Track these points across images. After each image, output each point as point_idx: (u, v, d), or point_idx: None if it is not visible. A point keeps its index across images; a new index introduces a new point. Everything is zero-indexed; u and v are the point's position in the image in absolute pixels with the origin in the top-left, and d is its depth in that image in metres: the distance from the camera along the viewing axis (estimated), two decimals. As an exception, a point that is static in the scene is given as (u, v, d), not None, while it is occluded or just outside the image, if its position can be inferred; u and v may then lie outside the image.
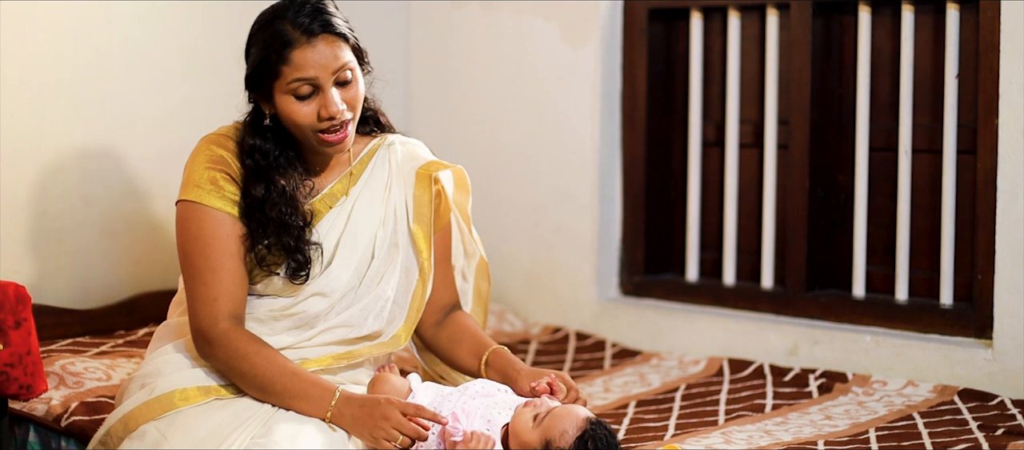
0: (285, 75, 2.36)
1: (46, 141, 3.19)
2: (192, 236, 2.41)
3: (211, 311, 2.39)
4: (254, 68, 2.40)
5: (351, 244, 2.50)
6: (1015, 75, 2.95)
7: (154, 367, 2.48)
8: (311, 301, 2.47)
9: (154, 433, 2.35)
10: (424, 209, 2.56)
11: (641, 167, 3.63)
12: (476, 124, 3.89)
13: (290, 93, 2.37)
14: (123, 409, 2.43)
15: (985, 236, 3.04)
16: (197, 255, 2.40)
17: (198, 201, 2.41)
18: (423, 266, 2.55)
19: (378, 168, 2.56)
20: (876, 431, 2.72)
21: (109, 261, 3.33)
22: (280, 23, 2.37)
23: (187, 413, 2.37)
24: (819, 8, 3.32)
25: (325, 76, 2.37)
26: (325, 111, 2.38)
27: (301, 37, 2.35)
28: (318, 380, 2.39)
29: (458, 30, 3.90)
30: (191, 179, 2.43)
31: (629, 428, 2.80)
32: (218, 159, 2.43)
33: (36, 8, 3.15)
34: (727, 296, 3.50)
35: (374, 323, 2.52)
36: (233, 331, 2.40)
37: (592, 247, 3.67)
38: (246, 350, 2.38)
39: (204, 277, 2.40)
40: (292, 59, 2.35)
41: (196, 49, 3.47)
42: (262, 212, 2.40)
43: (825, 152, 3.37)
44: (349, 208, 2.51)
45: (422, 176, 2.56)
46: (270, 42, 2.36)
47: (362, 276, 2.51)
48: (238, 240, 2.42)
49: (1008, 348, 2.98)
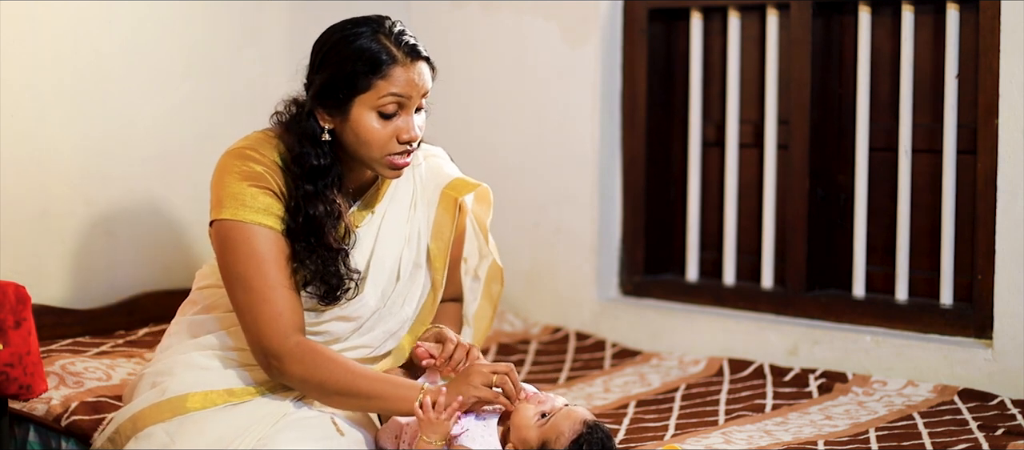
0: (379, 89, 2.34)
1: (46, 142, 3.19)
2: (244, 255, 2.37)
3: (279, 327, 2.36)
4: (337, 78, 2.35)
5: (379, 265, 2.48)
6: (1015, 75, 2.95)
7: (166, 366, 2.46)
8: (334, 324, 2.46)
9: (161, 436, 2.35)
10: (445, 232, 2.54)
11: (641, 167, 3.63)
12: (476, 124, 3.88)
13: (376, 109, 2.35)
14: (133, 407, 2.42)
15: (985, 236, 3.04)
16: (254, 275, 2.36)
17: (244, 220, 2.36)
18: (436, 281, 2.55)
19: (403, 185, 2.54)
20: (876, 431, 2.72)
21: (109, 261, 3.33)
22: (379, 39, 2.35)
23: (195, 417, 2.36)
24: (819, 8, 3.32)
25: (415, 98, 2.38)
26: (405, 134, 2.37)
27: (405, 57, 2.36)
28: (398, 380, 2.40)
29: (458, 30, 3.90)
30: (230, 196, 2.37)
31: (629, 428, 2.80)
32: (255, 174, 2.38)
33: (36, 9, 3.15)
34: (727, 296, 3.50)
35: (392, 343, 2.52)
36: (305, 343, 2.37)
37: (592, 247, 3.67)
38: (322, 359, 2.36)
39: (265, 295, 2.36)
40: (391, 74, 2.34)
41: (196, 49, 3.47)
42: (316, 235, 2.38)
43: (825, 152, 3.37)
44: (377, 226, 2.49)
45: (447, 197, 2.54)
46: (362, 56, 2.34)
47: (387, 298, 2.50)
48: (287, 255, 2.39)
49: (1008, 348, 2.98)
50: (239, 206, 2.37)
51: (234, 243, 2.37)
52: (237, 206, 2.37)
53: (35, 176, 3.17)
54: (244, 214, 2.37)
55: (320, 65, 2.39)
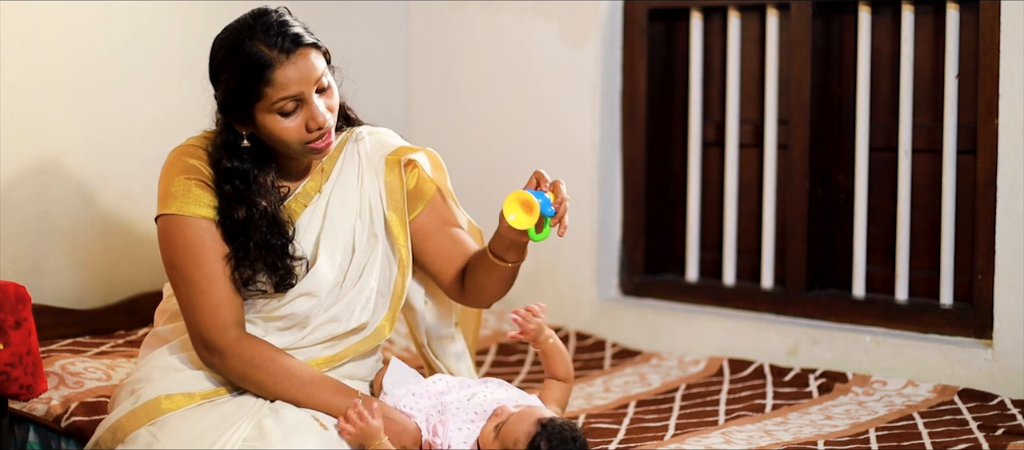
0: (269, 96, 2.34)
1: (46, 142, 3.19)
2: (180, 248, 2.40)
3: (217, 320, 2.38)
4: (231, 94, 2.37)
5: (331, 240, 2.49)
6: (1015, 75, 2.95)
7: (144, 373, 2.48)
8: (299, 301, 2.46)
9: (146, 436, 2.36)
10: (396, 195, 2.55)
11: (641, 167, 3.63)
12: (476, 124, 3.89)
13: (275, 112, 2.35)
14: (111, 418, 2.43)
15: (985, 236, 3.04)
16: (190, 266, 2.39)
17: (179, 213, 2.40)
18: (401, 255, 2.54)
19: (348, 161, 2.55)
20: (876, 431, 2.72)
21: (109, 261, 3.33)
22: (251, 45, 2.33)
23: (178, 415, 2.37)
24: (819, 8, 3.32)
25: (308, 89, 2.35)
26: (313, 122, 2.36)
27: (279, 56, 2.33)
28: (337, 385, 2.40)
29: (458, 30, 3.90)
30: (168, 192, 2.41)
31: (629, 428, 2.80)
32: (190, 168, 2.42)
33: (36, 9, 3.15)
34: (727, 296, 3.50)
35: (360, 315, 2.51)
36: (244, 339, 2.40)
37: (592, 247, 3.67)
38: (261, 359, 2.38)
39: (201, 287, 2.39)
40: (274, 79, 2.33)
41: (196, 50, 3.44)
42: (245, 236, 2.40)
43: (825, 152, 3.37)
44: (324, 204, 2.51)
45: (391, 162, 2.55)
46: (246, 66, 2.33)
47: (345, 271, 2.50)
48: (223, 247, 2.41)
49: (1008, 348, 2.98)
50: (176, 200, 2.40)
51: (172, 236, 2.41)
52: (175, 201, 2.40)
53: (35, 176, 3.17)
54: (178, 207, 2.40)
55: (214, 81, 2.42)
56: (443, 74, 3.96)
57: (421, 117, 3.96)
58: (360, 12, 3.82)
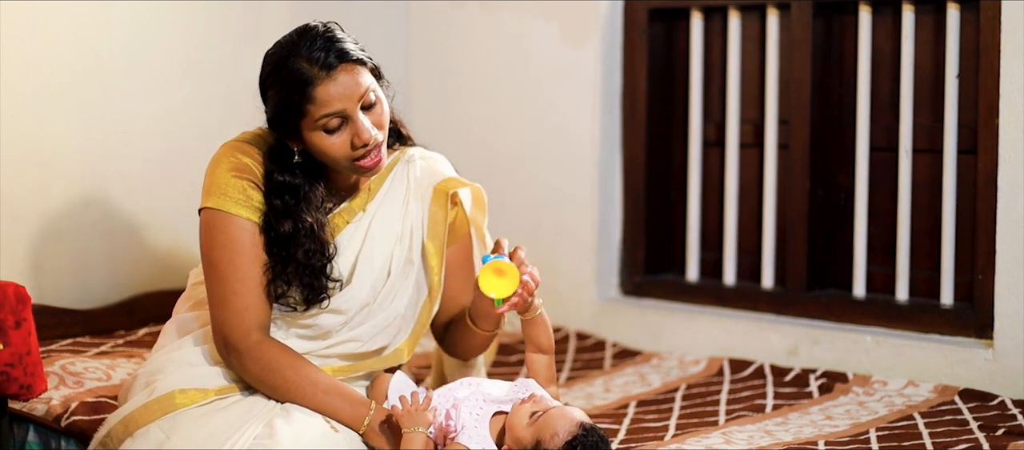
0: (312, 113, 2.33)
1: (46, 141, 3.19)
2: (220, 244, 2.40)
3: (242, 321, 2.39)
4: (277, 110, 2.36)
5: (368, 261, 2.49)
6: (1015, 75, 2.95)
7: (158, 364, 2.48)
8: (326, 316, 2.46)
9: (157, 433, 2.36)
10: (438, 227, 2.55)
11: (641, 167, 3.63)
12: (476, 124, 3.88)
13: (320, 129, 2.35)
14: (124, 410, 2.43)
15: (985, 236, 3.04)
16: (225, 264, 2.39)
17: (225, 209, 2.39)
18: (433, 283, 2.56)
19: (396, 183, 2.55)
20: (877, 431, 2.72)
21: (109, 261, 3.33)
22: (295, 61, 2.33)
23: (190, 413, 2.38)
24: (819, 8, 3.32)
25: (351, 106, 2.34)
26: (358, 139, 2.35)
27: (320, 72, 2.32)
28: (352, 396, 2.41)
29: (458, 30, 3.90)
30: (217, 186, 2.41)
31: (629, 428, 2.80)
32: (243, 167, 2.41)
33: (36, 9, 3.15)
34: (727, 296, 3.50)
35: (382, 338, 2.52)
36: (265, 343, 2.40)
37: (592, 247, 3.67)
38: (279, 363, 2.39)
39: (234, 287, 2.39)
40: (316, 96, 2.32)
41: (196, 49, 3.47)
42: (287, 250, 2.39)
43: (825, 152, 3.37)
44: (367, 224, 2.50)
45: (439, 192, 2.55)
46: (289, 83, 2.33)
47: (377, 293, 2.50)
48: (263, 254, 2.41)
49: (1008, 348, 2.98)
50: (223, 196, 2.40)
51: (213, 231, 2.41)
52: (221, 196, 2.40)
53: (35, 176, 3.17)
54: (226, 204, 2.40)
55: (263, 97, 2.42)
56: (443, 74, 3.96)
57: (421, 117, 3.96)
58: (360, 12, 3.82)
